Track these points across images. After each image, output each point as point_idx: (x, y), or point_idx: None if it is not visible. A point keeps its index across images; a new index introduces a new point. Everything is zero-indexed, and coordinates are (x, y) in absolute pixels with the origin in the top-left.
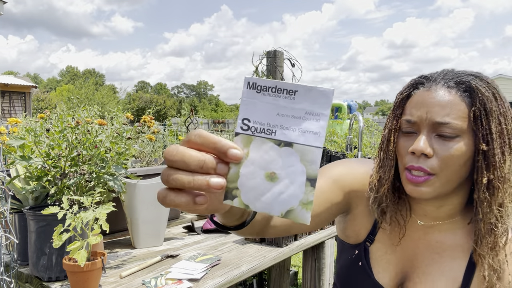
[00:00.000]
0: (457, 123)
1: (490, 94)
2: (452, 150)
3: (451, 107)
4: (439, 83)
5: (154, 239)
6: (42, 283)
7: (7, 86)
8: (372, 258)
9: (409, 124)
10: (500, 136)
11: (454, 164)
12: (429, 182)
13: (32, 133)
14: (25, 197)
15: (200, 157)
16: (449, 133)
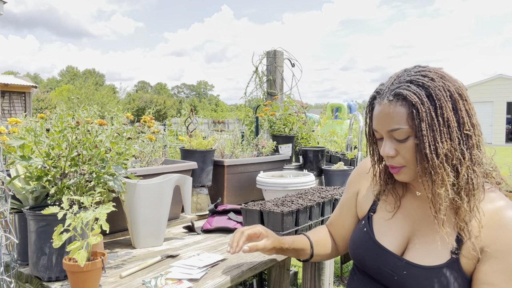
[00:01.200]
0: (402, 127)
1: (421, 97)
2: (408, 148)
3: (394, 115)
4: (384, 98)
5: (154, 239)
6: (42, 283)
7: (7, 86)
8: (374, 225)
9: (376, 133)
10: (428, 129)
11: (414, 156)
12: (403, 170)
13: (32, 133)
14: (25, 197)
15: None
16: (401, 136)
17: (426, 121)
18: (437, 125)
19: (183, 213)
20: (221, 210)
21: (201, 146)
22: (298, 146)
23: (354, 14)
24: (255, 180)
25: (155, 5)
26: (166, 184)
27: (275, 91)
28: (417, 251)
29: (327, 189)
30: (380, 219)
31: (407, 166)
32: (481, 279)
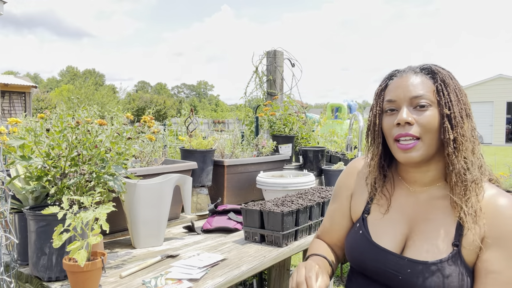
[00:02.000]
0: (428, 94)
1: (447, 73)
2: (428, 117)
3: (421, 84)
4: (408, 72)
5: (154, 239)
6: (42, 283)
7: (7, 86)
8: (370, 226)
9: (390, 103)
10: (458, 104)
11: (432, 128)
12: (417, 146)
13: (32, 133)
14: (25, 197)
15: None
16: (424, 102)
17: (454, 94)
18: (462, 102)
19: (183, 213)
20: (221, 210)
21: (201, 146)
22: (298, 146)
23: (354, 14)
24: (255, 180)
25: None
26: (166, 184)
27: (275, 91)
28: (417, 247)
29: (327, 189)
30: (375, 220)
31: (422, 139)
32: (485, 268)
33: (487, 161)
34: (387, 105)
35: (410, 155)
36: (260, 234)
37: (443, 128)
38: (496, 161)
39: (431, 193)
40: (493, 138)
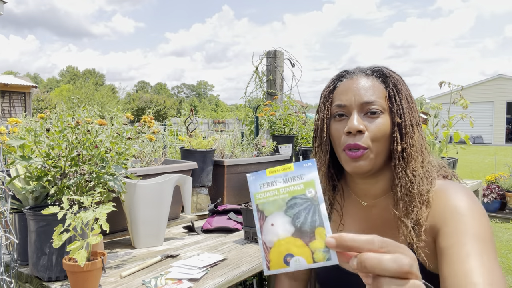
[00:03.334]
0: (379, 101)
1: (399, 78)
2: (379, 125)
3: (372, 89)
4: (358, 73)
5: (154, 239)
6: (42, 283)
7: (7, 86)
8: None
9: (340, 108)
10: (409, 111)
11: (382, 136)
12: (365, 155)
13: (32, 133)
14: (25, 197)
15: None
16: (375, 109)
17: (406, 101)
18: (413, 110)
19: (183, 213)
20: (221, 210)
21: (201, 146)
22: (298, 146)
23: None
24: None
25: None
26: (166, 184)
27: (275, 91)
28: None
29: None
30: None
31: (370, 149)
32: (443, 248)
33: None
34: (336, 110)
35: (358, 164)
36: None
37: (393, 139)
38: (496, 161)
39: (382, 205)
40: (493, 138)
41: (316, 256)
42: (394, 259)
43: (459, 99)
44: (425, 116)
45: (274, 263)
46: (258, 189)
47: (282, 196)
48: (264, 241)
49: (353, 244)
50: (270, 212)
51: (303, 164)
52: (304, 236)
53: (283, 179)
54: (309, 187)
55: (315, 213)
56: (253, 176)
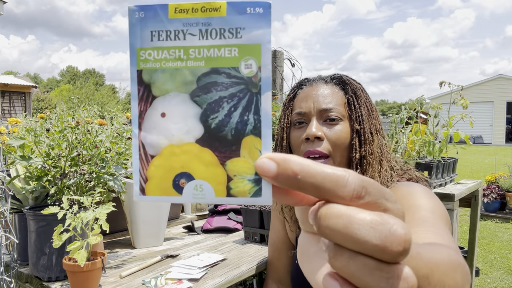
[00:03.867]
0: (338, 108)
1: (358, 85)
2: (338, 132)
3: (331, 96)
4: (318, 81)
5: (154, 239)
6: (42, 283)
7: (7, 86)
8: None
9: (299, 116)
10: (368, 119)
11: (342, 144)
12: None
13: (32, 133)
14: (25, 197)
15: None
16: (334, 116)
17: (365, 108)
18: (372, 117)
19: (183, 213)
20: (221, 210)
21: None
22: None
23: (355, 14)
24: None
25: None
26: None
27: (275, 91)
28: None
29: None
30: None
31: (332, 157)
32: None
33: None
34: (295, 118)
35: None
36: (260, 234)
37: (352, 146)
38: (496, 161)
39: None
40: (493, 138)
41: (234, 186)
42: (380, 225)
43: (459, 99)
44: (425, 116)
45: (155, 184)
46: (146, 41)
47: (192, 63)
48: (142, 141)
49: (306, 179)
50: (163, 91)
51: (245, 8)
52: (220, 146)
53: (201, 31)
54: (249, 56)
55: (249, 108)
56: (140, 12)
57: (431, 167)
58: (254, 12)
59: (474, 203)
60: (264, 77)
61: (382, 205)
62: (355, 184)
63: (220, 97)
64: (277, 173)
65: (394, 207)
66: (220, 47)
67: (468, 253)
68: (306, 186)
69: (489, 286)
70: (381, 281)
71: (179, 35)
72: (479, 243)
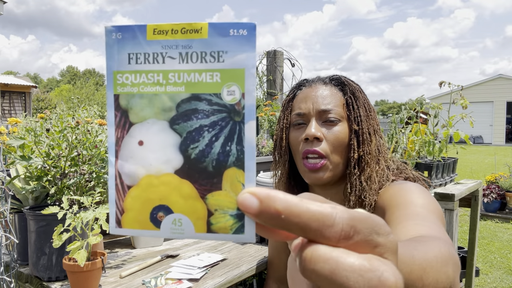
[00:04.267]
0: (337, 109)
1: (357, 86)
2: (337, 133)
3: (330, 97)
4: (317, 82)
5: (154, 239)
6: (42, 283)
7: (7, 86)
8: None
9: (299, 117)
10: (367, 119)
11: (340, 145)
12: (325, 166)
13: (32, 133)
14: (25, 197)
15: None
16: (333, 117)
17: (364, 108)
18: (370, 117)
19: None
20: None
21: None
22: None
23: (355, 14)
24: None
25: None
26: None
27: (275, 91)
28: None
29: None
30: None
31: (330, 158)
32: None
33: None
34: (295, 118)
35: (317, 175)
36: None
37: (350, 147)
38: (496, 161)
39: None
40: (493, 138)
41: (215, 221)
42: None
43: (459, 99)
44: (425, 116)
45: (131, 216)
46: (124, 64)
47: (172, 88)
48: (119, 171)
49: (291, 218)
50: (141, 118)
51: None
52: (201, 178)
53: (181, 54)
54: (232, 82)
55: (231, 138)
56: (117, 33)
57: (431, 167)
58: (237, 34)
59: (474, 203)
60: (248, 105)
61: (372, 241)
62: (342, 224)
63: (201, 125)
64: (260, 210)
65: (386, 240)
66: (201, 72)
67: (468, 253)
68: (291, 226)
69: (489, 286)
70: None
71: (158, 58)
72: (479, 243)
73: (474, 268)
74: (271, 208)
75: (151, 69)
